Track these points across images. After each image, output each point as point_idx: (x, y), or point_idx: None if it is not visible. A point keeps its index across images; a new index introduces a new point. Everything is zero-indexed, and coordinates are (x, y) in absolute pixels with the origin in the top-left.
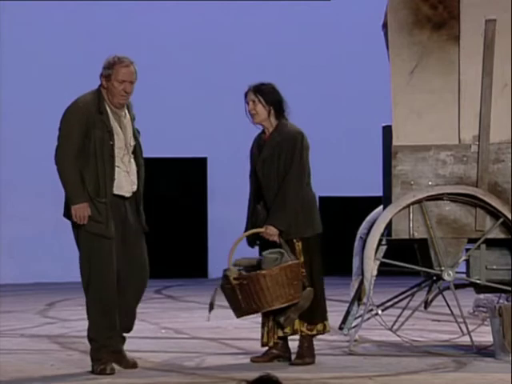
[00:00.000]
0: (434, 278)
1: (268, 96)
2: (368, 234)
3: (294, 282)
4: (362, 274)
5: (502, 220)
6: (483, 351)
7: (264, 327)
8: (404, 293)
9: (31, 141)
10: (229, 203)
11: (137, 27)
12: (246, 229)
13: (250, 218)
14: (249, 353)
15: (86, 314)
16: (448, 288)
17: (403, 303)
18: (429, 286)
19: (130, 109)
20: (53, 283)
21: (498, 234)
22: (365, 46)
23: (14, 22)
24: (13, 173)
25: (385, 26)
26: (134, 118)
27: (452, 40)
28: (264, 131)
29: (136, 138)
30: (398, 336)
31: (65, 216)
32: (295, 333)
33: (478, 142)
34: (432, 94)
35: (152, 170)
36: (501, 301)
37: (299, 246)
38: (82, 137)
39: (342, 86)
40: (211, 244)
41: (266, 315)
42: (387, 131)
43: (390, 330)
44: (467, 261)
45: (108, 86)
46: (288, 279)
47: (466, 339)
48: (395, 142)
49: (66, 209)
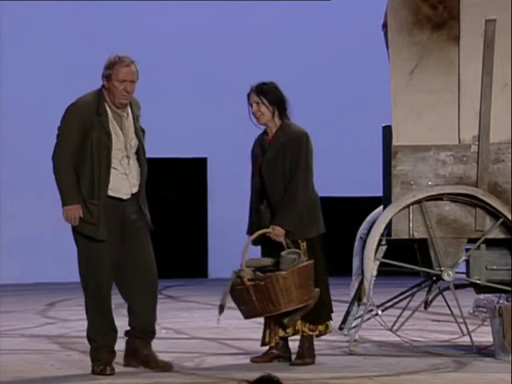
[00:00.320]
0: (434, 278)
1: (270, 95)
2: (368, 234)
3: (308, 282)
4: (362, 274)
5: (501, 220)
6: (483, 351)
7: (267, 327)
8: (404, 293)
9: (31, 141)
10: (229, 203)
11: (137, 27)
12: (248, 229)
13: (253, 218)
14: (249, 353)
15: (85, 314)
16: (448, 288)
17: (403, 303)
18: (429, 286)
19: (134, 109)
20: (53, 283)
21: (497, 234)
22: (365, 46)
23: (13, 22)
24: (13, 173)
25: (385, 26)
26: (137, 118)
27: (452, 40)
28: (266, 132)
29: (139, 139)
30: (398, 336)
31: None
32: (297, 333)
33: (477, 142)
34: (432, 94)
35: (152, 170)
36: (501, 301)
37: (304, 247)
38: (81, 137)
39: (342, 85)
40: (211, 244)
41: (269, 315)
42: (387, 131)
43: (390, 330)
44: (467, 261)
45: (109, 86)
46: (304, 280)
47: (466, 339)
48: (395, 142)
49: None
